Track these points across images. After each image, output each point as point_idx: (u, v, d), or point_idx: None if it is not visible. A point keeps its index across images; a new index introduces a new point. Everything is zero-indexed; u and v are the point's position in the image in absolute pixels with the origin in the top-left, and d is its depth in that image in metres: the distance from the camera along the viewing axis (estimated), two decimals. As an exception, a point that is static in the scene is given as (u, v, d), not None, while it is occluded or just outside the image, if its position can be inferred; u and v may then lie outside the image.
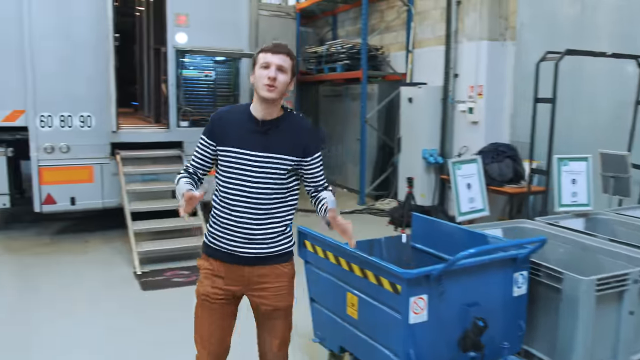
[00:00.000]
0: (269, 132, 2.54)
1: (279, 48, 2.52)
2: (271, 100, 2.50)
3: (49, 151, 6.75)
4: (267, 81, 2.45)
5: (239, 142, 2.54)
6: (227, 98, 7.73)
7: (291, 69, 2.53)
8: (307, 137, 2.61)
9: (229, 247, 2.58)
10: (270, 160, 2.52)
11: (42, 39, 6.58)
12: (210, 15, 7.34)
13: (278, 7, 11.69)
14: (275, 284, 2.64)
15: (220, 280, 2.62)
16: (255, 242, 2.56)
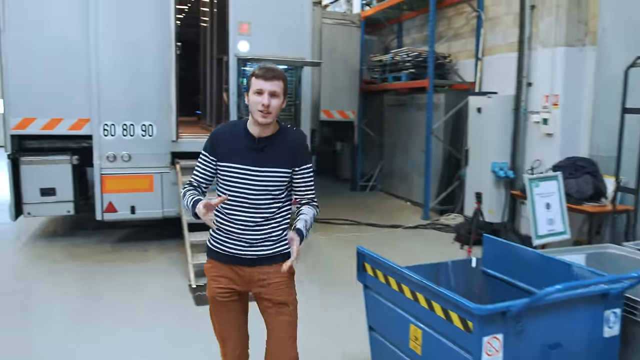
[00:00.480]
0: (264, 148, 2.71)
1: (271, 74, 2.67)
2: (269, 124, 2.69)
3: (111, 160, 6.79)
4: (261, 108, 2.61)
5: (237, 158, 2.72)
6: (288, 107, 7.56)
7: (283, 91, 2.72)
8: (297, 148, 2.77)
9: (232, 250, 2.78)
10: (266, 175, 2.70)
11: (107, 49, 6.65)
12: (273, 24, 7.21)
13: (342, 15, 11.50)
14: (275, 280, 2.79)
15: (224, 279, 2.81)
16: (256, 245, 2.76)
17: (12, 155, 6.74)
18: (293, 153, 2.75)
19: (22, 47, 6.55)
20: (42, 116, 6.72)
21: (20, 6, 6.50)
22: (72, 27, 6.60)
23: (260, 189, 2.70)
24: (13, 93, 6.61)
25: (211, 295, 2.86)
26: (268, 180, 2.70)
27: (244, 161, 2.70)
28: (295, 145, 2.78)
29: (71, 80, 6.68)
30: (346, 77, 11.31)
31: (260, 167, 2.69)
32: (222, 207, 2.76)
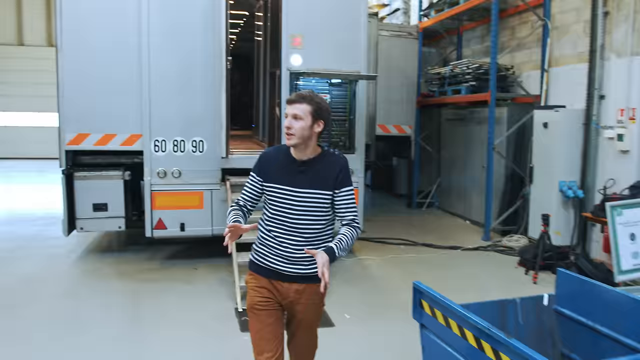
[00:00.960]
0: (306, 170, 2.86)
1: (295, 98, 2.84)
2: (295, 146, 2.84)
3: (161, 176, 6.71)
4: (285, 130, 2.81)
5: (279, 179, 2.88)
6: (342, 123, 7.29)
7: (310, 114, 2.80)
8: (337, 172, 2.88)
9: (272, 265, 2.92)
10: (307, 196, 2.84)
11: (159, 65, 6.60)
12: (327, 37, 6.99)
13: (399, 27, 11.18)
14: (309, 301, 2.94)
15: (263, 290, 2.94)
16: (294, 263, 2.89)
17: (67, 170, 6.76)
18: (333, 176, 2.86)
19: (77, 65, 6.60)
20: (96, 132, 6.73)
21: (76, 26, 6.55)
22: (125, 44, 6.60)
23: (300, 209, 2.85)
24: (68, 109, 6.65)
25: (250, 305, 2.98)
26: (307, 201, 2.84)
27: (285, 182, 2.86)
28: (335, 169, 2.88)
29: (124, 97, 6.67)
30: (403, 90, 10.96)
31: (300, 189, 2.84)
32: (266, 223, 2.94)
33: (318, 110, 2.84)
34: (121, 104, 6.69)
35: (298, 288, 2.92)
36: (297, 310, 2.96)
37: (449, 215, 10.98)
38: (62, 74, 6.61)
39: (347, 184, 2.90)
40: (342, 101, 7.32)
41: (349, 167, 2.97)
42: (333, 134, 7.27)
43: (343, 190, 2.88)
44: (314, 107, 2.83)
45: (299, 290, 2.92)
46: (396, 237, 8.67)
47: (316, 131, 2.86)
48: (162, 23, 6.59)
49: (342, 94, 7.33)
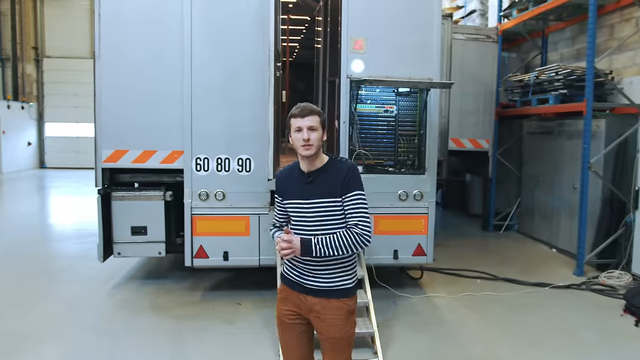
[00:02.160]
0: (314, 181, 2.95)
1: (306, 111, 2.93)
2: (311, 156, 2.94)
3: (203, 198, 5.96)
4: (302, 142, 2.90)
5: (293, 194, 3.01)
6: (411, 139, 6.29)
7: (321, 124, 2.96)
8: (343, 177, 2.91)
9: (296, 278, 3.01)
10: (317, 206, 2.93)
11: (202, 74, 5.88)
12: (394, 39, 6.04)
13: (476, 29, 10.02)
14: (332, 316, 2.94)
15: (290, 303, 3.02)
16: (315, 276, 2.96)
17: (103, 189, 6.14)
18: (340, 182, 2.90)
19: (116, 77, 5.97)
20: (135, 148, 6.06)
21: (115, 33, 5.94)
22: (167, 53, 5.92)
23: (313, 220, 2.93)
24: (105, 123, 6.03)
25: (278, 316, 3.11)
26: (319, 211, 2.92)
27: (297, 196, 2.99)
28: (341, 175, 2.92)
29: (165, 110, 5.99)
30: (479, 100, 9.80)
31: (310, 199, 2.94)
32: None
33: (324, 121, 3.00)
34: (162, 117, 6.01)
35: (319, 302, 2.96)
36: (320, 326, 2.98)
37: (531, 240, 9.69)
38: (99, 84, 5.99)
39: (354, 189, 2.91)
40: (410, 113, 6.33)
41: (356, 171, 2.96)
42: (400, 151, 6.29)
43: (349, 195, 2.90)
44: (322, 117, 2.98)
45: (323, 304, 2.95)
46: (471, 269, 7.54)
47: (324, 139, 2.98)
48: (206, 30, 5.86)
49: (410, 105, 6.34)
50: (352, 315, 2.99)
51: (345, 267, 2.98)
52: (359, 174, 2.97)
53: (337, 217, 2.91)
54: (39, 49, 24.15)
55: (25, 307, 5.88)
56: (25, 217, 11.79)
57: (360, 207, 2.89)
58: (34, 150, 23.81)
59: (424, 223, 6.24)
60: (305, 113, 2.92)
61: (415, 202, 6.18)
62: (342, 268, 2.96)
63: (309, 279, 2.96)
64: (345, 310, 2.95)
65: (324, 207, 2.90)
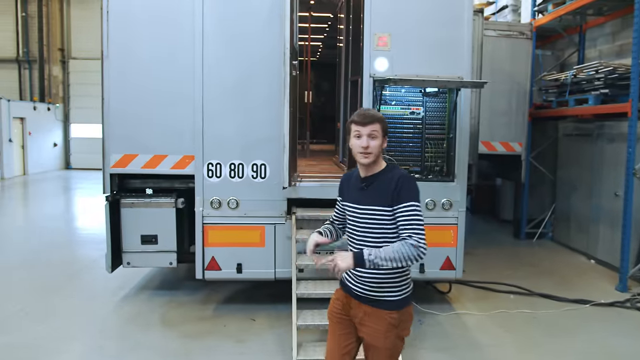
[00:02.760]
0: (369, 187, 2.92)
1: (367, 119, 2.87)
2: (370, 164, 2.91)
3: (215, 206, 5.59)
4: (361, 150, 2.87)
5: (349, 197, 3.03)
6: (439, 143, 5.82)
7: (382, 131, 2.89)
8: (394, 187, 2.81)
9: (347, 281, 3.03)
10: (366, 212, 2.89)
11: (215, 76, 5.50)
12: (420, 35, 5.59)
13: (509, 25, 9.45)
14: (374, 326, 2.91)
15: (339, 302, 3.07)
16: (362, 282, 2.93)
17: (112, 196, 5.82)
18: (390, 191, 2.81)
19: (125, 76, 5.65)
20: (145, 152, 5.74)
21: (124, 30, 5.61)
22: (178, 53, 5.58)
23: (363, 226, 2.90)
24: (114, 126, 5.72)
25: (329, 310, 3.13)
26: (368, 217, 2.88)
27: (352, 199, 2.99)
28: (392, 184, 2.82)
29: (176, 112, 5.64)
30: (511, 100, 9.24)
31: (362, 205, 2.91)
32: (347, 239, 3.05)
33: (386, 128, 2.92)
34: (174, 120, 5.67)
35: (366, 310, 2.93)
36: (364, 332, 2.96)
37: (567, 250, 9.10)
38: (107, 85, 5.67)
39: (405, 200, 2.80)
40: (438, 115, 5.85)
41: (408, 181, 2.85)
42: (427, 156, 5.82)
43: (401, 206, 2.80)
44: (384, 125, 2.90)
45: (367, 312, 2.92)
46: (503, 282, 7.02)
47: (384, 147, 2.93)
48: (219, 27, 5.50)
49: (438, 106, 5.86)
50: (395, 328, 2.89)
51: (394, 279, 2.89)
52: (412, 184, 2.84)
53: (385, 226, 2.84)
54: (65, 50, 24.26)
55: (32, 319, 5.58)
56: (50, 220, 11.63)
57: (412, 220, 2.76)
58: (59, 151, 23.90)
59: (452, 234, 5.77)
60: (367, 120, 2.86)
61: (443, 212, 5.71)
62: (390, 279, 2.89)
63: (359, 285, 2.94)
64: (388, 322, 2.87)
65: (373, 214, 2.85)
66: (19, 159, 21.00)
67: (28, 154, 21.41)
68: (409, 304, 2.96)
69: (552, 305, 6.28)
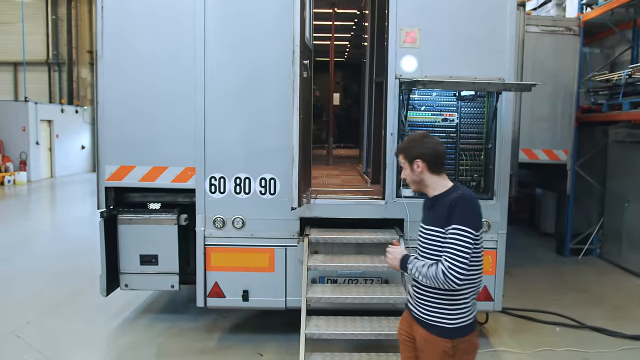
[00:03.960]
0: (431, 207, 2.89)
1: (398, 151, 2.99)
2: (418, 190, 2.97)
3: (219, 226, 4.97)
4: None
5: (422, 216, 3.00)
6: (476, 154, 5.06)
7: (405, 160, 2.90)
8: (448, 208, 2.73)
9: (409, 301, 3.02)
10: (427, 232, 2.84)
11: (218, 78, 4.87)
12: (454, 30, 4.88)
13: (553, 20, 8.57)
14: (427, 351, 2.82)
15: (405, 323, 3.04)
16: (417, 303, 2.88)
17: (107, 212, 5.25)
18: (445, 213, 2.73)
19: (123, 77, 5.07)
20: (143, 163, 5.15)
21: (120, 27, 5.04)
22: (180, 53, 4.98)
23: (424, 246, 2.85)
24: (109, 134, 5.13)
25: (397, 329, 3.12)
26: (428, 238, 2.83)
27: (422, 219, 2.98)
28: (447, 205, 2.74)
29: (178, 119, 5.04)
30: (555, 103, 8.36)
31: (426, 225, 2.88)
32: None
33: (407, 152, 2.89)
34: (175, 127, 5.06)
35: (422, 334, 2.85)
36: (419, 356, 2.90)
37: (618, 270, 8.18)
38: (102, 89, 5.10)
39: (454, 222, 2.67)
40: (475, 122, 5.10)
41: (463, 203, 2.70)
42: (462, 170, 5.07)
43: (449, 228, 2.69)
44: (406, 153, 2.89)
45: (423, 336, 2.84)
46: (547, 310, 6.19)
47: (418, 171, 2.86)
48: (223, 23, 4.87)
49: (475, 112, 5.10)
50: (449, 357, 2.75)
51: (448, 303, 2.76)
52: (468, 206, 2.71)
53: (441, 248, 2.73)
54: (94, 52, 24.13)
55: (20, 346, 5.05)
56: (75, 225, 11.31)
57: (455, 243, 2.65)
58: (87, 154, 23.75)
59: (491, 261, 5.02)
60: (398, 152, 2.98)
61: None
62: (443, 303, 2.77)
63: (415, 306, 2.90)
64: (442, 350, 2.76)
65: (432, 235, 2.79)
66: (47, 161, 20.90)
67: (55, 156, 21.28)
68: (467, 333, 2.79)
69: (605, 342, 5.43)
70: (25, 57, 22.04)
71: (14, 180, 18.47)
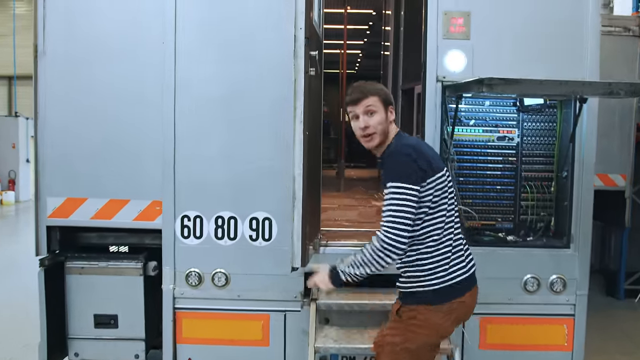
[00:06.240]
0: (383, 167, 2.52)
1: (358, 94, 2.46)
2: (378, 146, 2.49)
3: (194, 283, 3.68)
4: (360, 132, 2.48)
5: None
6: (544, 185, 3.76)
7: (381, 103, 2.46)
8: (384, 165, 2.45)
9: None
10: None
11: (193, 81, 3.61)
12: (516, 16, 3.62)
13: (609, 19, 7.30)
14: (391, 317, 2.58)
15: None
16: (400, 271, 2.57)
17: (51, 259, 3.98)
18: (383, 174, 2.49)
19: (69, 82, 3.85)
20: (96, 195, 3.89)
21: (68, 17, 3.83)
22: (144, 46, 3.73)
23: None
24: (52, 156, 3.91)
25: None
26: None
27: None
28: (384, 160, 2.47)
29: (144, 133, 3.79)
30: (610, 118, 7.04)
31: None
32: None
33: (387, 98, 2.51)
34: (138, 146, 3.81)
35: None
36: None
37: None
38: (43, 94, 3.87)
39: (386, 181, 2.33)
40: (542, 142, 3.82)
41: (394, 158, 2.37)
42: (525, 207, 3.76)
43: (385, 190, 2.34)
44: (383, 96, 2.48)
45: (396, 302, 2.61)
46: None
47: (392, 118, 2.50)
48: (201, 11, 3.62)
49: (543, 128, 3.83)
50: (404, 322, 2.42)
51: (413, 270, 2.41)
52: (393, 159, 2.37)
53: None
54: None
55: None
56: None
57: (388, 205, 2.28)
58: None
59: (566, 332, 3.70)
60: (360, 96, 2.45)
61: (552, 296, 3.71)
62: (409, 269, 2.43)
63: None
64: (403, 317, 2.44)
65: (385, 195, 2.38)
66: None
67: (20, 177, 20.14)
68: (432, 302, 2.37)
69: None
70: (16, 70, 21.18)
71: (1, 200, 17.48)
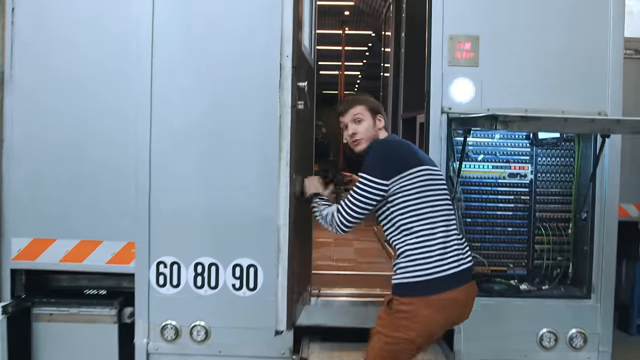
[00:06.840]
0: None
1: (346, 106, 2.65)
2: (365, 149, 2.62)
3: (170, 337, 3.29)
4: (350, 140, 2.65)
5: None
6: (561, 227, 3.38)
7: (368, 111, 2.61)
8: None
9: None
10: None
11: (170, 107, 3.27)
12: (529, 41, 3.27)
13: (628, 41, 6.97)
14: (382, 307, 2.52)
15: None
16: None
17: (15, 305, 3.60)
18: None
19: (37, 110, 3.52)
20: (66, 236, 3.52)
21: (42, 41, 3.50)
22: (124, 70, 3.40)
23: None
24: (18, 192, 3.54)
25: None
26: None
27: None
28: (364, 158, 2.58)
29: (117, 167, 3.42)
30: (631, 147, 6.74)
31: None
32: None
33: (374, 107, 2.64)
34: (113, 180, 3.45)
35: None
36: None
37: None
38: (9, 122, 3.53)
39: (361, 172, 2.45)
40: (558, 180, 3.45)
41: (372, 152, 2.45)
42: (539, 252, 3.38)
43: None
44: (369, 105, 2.64)
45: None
46: None
47: (380, 125, 2.63)
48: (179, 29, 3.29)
49: (559, 164, 3.46)
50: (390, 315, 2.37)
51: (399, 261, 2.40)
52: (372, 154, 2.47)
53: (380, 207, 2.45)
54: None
55: None
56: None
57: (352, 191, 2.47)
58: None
59: (587, 394, 3.28)
60: (346, 107, 2.63)
61: (571, 353, 3.30)
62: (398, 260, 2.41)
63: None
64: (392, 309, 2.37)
65: None
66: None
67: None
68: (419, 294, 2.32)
69: None
70: None
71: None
